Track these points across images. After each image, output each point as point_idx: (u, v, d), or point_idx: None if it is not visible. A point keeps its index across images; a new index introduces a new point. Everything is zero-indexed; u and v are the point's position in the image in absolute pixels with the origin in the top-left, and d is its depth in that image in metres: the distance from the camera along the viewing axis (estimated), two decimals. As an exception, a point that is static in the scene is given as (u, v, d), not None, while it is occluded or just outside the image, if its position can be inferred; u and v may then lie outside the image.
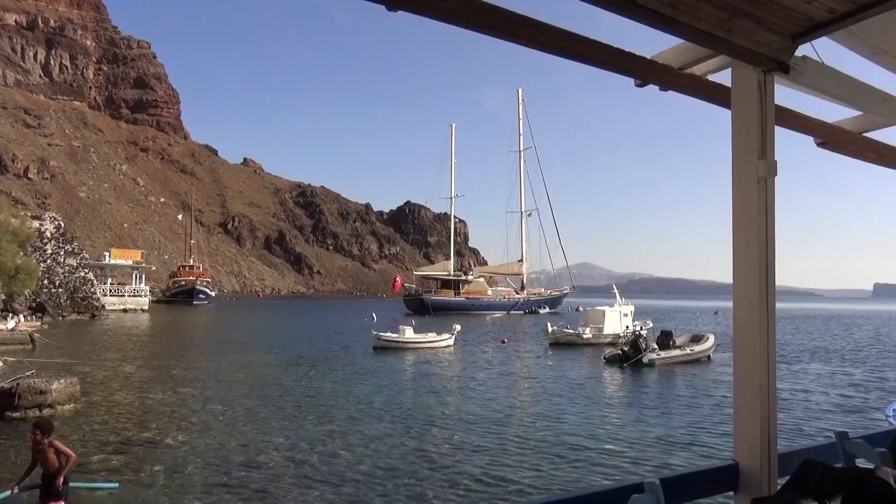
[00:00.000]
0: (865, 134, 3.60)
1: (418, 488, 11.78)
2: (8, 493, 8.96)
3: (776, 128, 2.79)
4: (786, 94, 2.95)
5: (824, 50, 2.81)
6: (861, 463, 2.97)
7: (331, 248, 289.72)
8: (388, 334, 38.89)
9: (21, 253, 41.67)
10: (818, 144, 3.57)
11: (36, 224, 59.73)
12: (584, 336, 41.14)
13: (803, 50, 2.72)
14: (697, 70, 2.87)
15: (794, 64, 2.71)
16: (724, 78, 2.89)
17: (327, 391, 22.53)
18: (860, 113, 3.46)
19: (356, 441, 15.29)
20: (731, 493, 2.76)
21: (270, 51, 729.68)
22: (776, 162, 2.74)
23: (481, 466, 13.26)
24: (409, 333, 39.09)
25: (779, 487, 2.62)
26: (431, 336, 40.07)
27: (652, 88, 2.88)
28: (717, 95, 2.94)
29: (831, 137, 3.52)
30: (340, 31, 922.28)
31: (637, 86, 2.86)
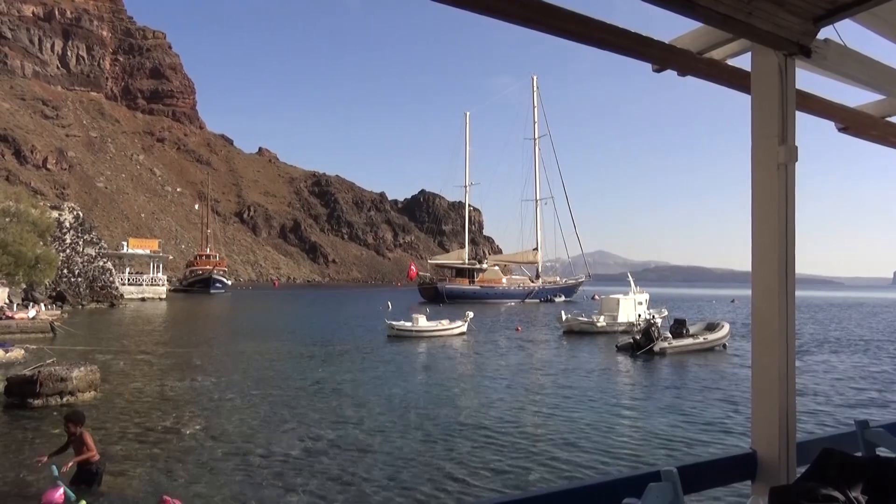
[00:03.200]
0: (888, 118, 3.53)
1: (432, 477, 11.83)
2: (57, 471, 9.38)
3: (796, 113, 2.75)
4: (806, 78, 2.88)
5: (847, 32, 2.75)
6: (882, 452, 2.94)
7: (346, 236, 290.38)
8: (402, 323, 39.05)
9: (41, 243, 42.16)
10: (839, 129, 3.51)
11: (55, 214, 60.39)
12: (598, 324, 41.05)
13: (825, 33, 2.66)
14: (716, 54, 2.82)
15: (816, 47, 2.65)
16: (743, 62, 2.83)
17: (341, 380, 22.67)
18: (883, 97, 3.40)
19: (370, 429, 15.38)
20: (749, 482, 2.75)
21: (285, 40, 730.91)
22: (797, 147, 2.69)
23: (495, 454, 13.29)
24: (422, 322, 39.23)
25: (797, 476, 2.60)
26: (444, 324, 40.14)
27: (669, 74, 2.83)
28: (736, 80, 2.89)
29: (853, 122, 3.45)
30: (355, 19, 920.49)
31: (654, 71, 2.82)
